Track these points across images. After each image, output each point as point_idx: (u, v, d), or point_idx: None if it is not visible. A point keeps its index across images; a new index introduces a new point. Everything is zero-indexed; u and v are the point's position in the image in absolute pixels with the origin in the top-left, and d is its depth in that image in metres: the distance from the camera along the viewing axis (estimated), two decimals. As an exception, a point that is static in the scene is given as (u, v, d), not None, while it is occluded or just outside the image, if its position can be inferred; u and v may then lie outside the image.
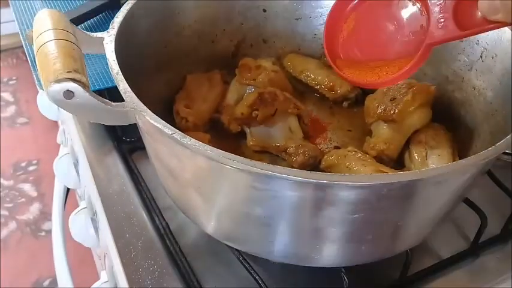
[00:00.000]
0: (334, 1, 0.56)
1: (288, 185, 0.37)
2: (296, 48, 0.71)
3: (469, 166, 0.39)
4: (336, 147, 0.60)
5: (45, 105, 0.85)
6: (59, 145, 0.90)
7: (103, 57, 0.46)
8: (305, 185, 0.36)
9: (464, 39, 0.58)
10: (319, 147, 0.60)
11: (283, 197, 0.38)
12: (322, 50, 0.69)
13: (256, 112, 0.59)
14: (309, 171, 0.35)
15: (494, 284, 0.52)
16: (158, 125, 0.38)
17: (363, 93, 0.66)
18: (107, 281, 0.58)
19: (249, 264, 0.49)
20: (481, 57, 0.56)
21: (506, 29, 0.53)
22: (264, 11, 0.68)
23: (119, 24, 0.49)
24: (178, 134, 0.37)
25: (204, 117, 0.62)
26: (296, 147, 0.57)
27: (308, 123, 0.62)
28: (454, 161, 0.53)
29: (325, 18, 0.67)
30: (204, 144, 0.36)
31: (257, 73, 0.64)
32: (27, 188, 1.59)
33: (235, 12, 0.67)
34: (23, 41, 0.70)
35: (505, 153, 0.66)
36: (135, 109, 0.40)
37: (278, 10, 0.68)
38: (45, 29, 0.42)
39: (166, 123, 0.38)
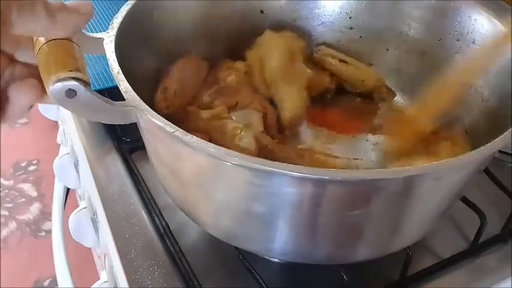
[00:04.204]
0: (333, 1, 0.56)
1: (288, 181, 0.37)
2: (295, 48, 0.71)
3: (466, 162, 0.40)
4: None
5: (45, 105, 0.85)
6: (59, 145, 0.90)
7: (103, 57, 0.46)
8: (305, 181, 0.36)
9: (460, 39, 0.58)
10: None
11: (283, 193, 0.38)
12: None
13: (217, 102, 0.58)
14: (310, 167, 0.35)
15: (494, 284, 0.52)
16: (159, 123, 0.39)
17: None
18: (106, 281, 0.58)
19: (249, 263, 0.49)
20: (479, 56, 0.56)
21: (503, 27, 0.53)
22: (262, 12, 0.68)
23: (118, 25, 0.49)
24: (180, 132, 0.38)
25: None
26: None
27: (275, 126, 0.60)
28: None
29: (322, 19, 0.68)
30: (205, 141, 0.37)
31: (227, 73, 0.62)
32: (27, 188, 1.59)
33: (234, 13, 0.67)
34: (23, 41, 0.69)
35: (505, 153, 0.66)
36: (136, 108, 0.40)
37: (276, 11, 0.68)
38: (46, 29, 0.42)
39: (168, 121, 0.39)
